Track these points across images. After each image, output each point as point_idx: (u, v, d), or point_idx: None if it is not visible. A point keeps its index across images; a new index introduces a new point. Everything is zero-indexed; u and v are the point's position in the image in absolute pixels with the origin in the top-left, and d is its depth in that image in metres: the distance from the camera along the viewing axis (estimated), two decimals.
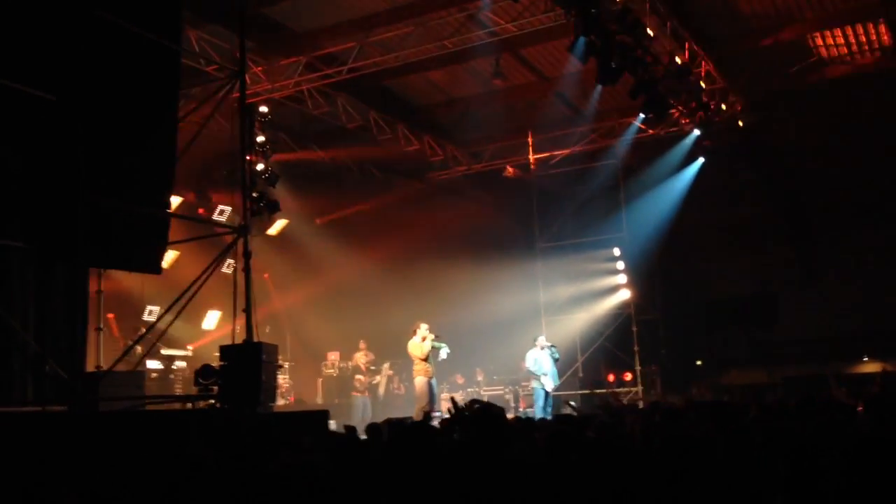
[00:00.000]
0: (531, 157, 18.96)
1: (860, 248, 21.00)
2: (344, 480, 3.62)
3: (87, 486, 5.90)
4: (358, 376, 16.76)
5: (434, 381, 14.28)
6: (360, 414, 15.68)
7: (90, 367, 8.43)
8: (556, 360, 15.53)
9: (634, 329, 18.60)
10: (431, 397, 14.06)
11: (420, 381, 14.04)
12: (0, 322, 7.27)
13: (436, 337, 13.99)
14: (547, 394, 15.23)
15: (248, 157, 10.48)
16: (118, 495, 5.93)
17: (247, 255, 9.55)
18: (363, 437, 6.76)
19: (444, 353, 14.18)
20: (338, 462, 3.65)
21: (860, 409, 6.97)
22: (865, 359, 22.03)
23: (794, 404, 7.51)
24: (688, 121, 16.42)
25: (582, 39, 12.27)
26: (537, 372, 15.12)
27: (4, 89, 7.25)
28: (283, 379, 15.17)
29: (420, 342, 13.90)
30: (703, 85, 14.80)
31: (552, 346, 15.48)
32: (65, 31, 7.81)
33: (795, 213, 21.69)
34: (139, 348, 11.28)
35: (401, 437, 5.28)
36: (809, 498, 4.08)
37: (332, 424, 10.90)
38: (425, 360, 13.92)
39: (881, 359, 21.58)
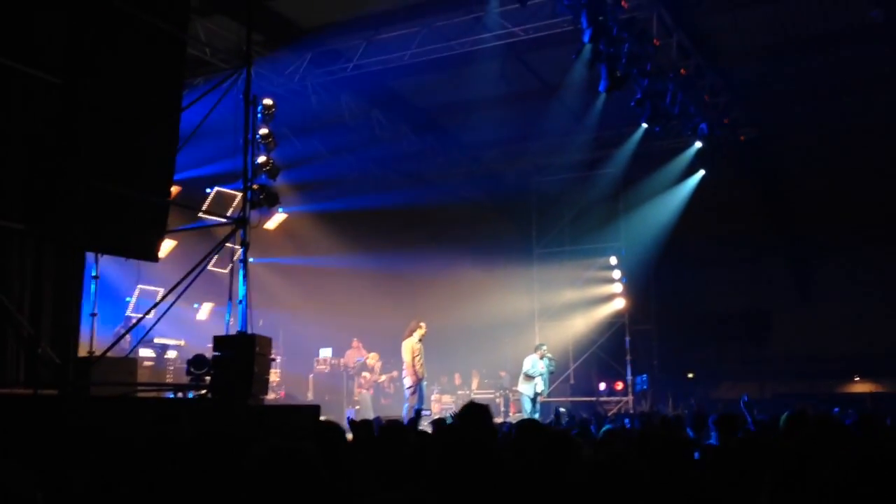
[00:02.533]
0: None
1: (855, 268, 21.03)
2: (332, 468, 3.61)
3: (74, 469, 5.89)
4: (364, 373, 16.85)
5: (424, 382, 14.32)
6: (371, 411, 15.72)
7: (83, 352, 8.41)
8: (551, 373, 15.74)
9: (628, 339, 18.65)
10: (420, 397, 14.10)
11: (409, 381, 14.08)
12: None
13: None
14: (534, 399, 15.33)
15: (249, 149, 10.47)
16: (105, 479, 5.92)
17: (245, 246, 9.56)
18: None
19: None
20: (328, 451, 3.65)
21: None
22: (857, 379, 22.09)
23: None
24: (690, 133, 16.45)
25: (588, 46, 12.29)
26: (532, 374, 15.24)
27: (9, 71, 7.25)
28: (273, 374, 15.15)
29: (416, 342, 13.95)
30: (706, 98, 14.84)
31: (552, 358, 15.71)
32: (71, 13, 7.80)
33: (792, 229, 21.72)
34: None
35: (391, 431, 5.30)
36: None
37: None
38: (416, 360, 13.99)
39: (872, 379, 21.65)
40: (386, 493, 3.10)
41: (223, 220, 10.75)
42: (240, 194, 10.80)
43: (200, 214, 11.84)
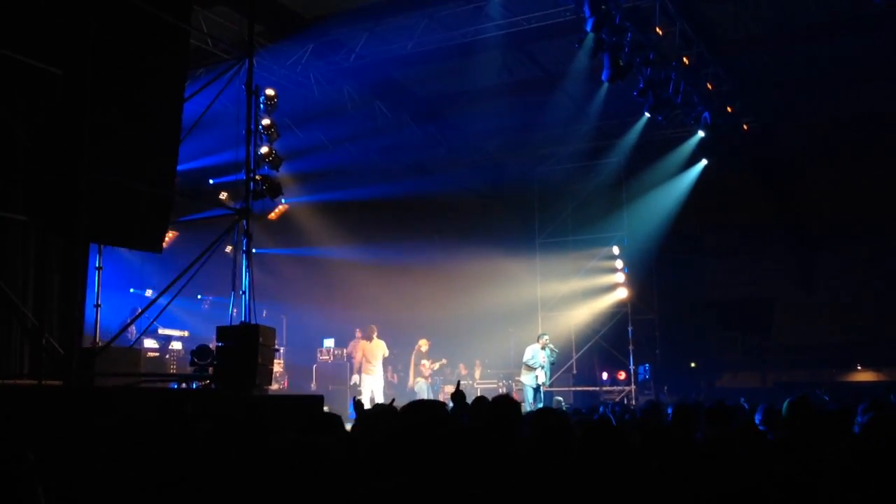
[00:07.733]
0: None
1: (857, 256, 21.02)
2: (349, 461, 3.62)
3: (78, 460, 5.91)
4: (423, 361, 17.08)
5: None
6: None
7: (87, 344, 8.42)
8: (552, 363, 15.71)
9: (630, 328, 18.66)
10: None
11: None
12: None
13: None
14: (537, 389, 15.34)
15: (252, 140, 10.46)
16: (109, 469, 5.94)
17: (248, 236, 9.56)
18: None
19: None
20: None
21: None
22: (859, 367, 22.10)
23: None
24: (692, 122, 16.42)
25: (591, 36, 12.25)
26: (533, 365, 15.23)
27: (12, 62, 7.24)
28: (277, 364, 15.19)
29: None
30: (709, 87, 14.81)
31: (553, 348, 15.67)
32: (74, 4, 7.79)
33: (795, 219, 21.70)
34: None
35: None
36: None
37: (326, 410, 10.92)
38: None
39: (874, 368, 21.66)
40: (378, 482, 3.11)
41: (226, 209, 10.75)
42: (226, 193, 10.82)
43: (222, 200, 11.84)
